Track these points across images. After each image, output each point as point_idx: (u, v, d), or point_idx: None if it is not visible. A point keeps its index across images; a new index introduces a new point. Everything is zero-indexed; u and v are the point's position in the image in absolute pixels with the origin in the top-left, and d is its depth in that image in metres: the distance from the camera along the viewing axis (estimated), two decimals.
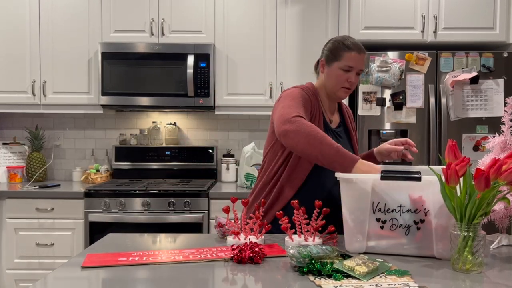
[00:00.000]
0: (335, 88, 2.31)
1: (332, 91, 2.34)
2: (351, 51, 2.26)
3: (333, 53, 2.30)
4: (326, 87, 2.35)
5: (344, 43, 2.28)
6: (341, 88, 2.30)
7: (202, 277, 1.56)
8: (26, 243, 3.77)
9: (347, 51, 2.26)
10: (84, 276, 1.57)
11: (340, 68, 2.27)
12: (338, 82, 2.30)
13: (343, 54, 2.27)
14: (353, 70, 2.28)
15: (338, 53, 2.28)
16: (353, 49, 2.26)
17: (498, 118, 3.60)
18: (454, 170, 1.57)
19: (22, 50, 4.15)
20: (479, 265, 1.59)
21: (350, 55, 2.26)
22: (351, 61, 2.26)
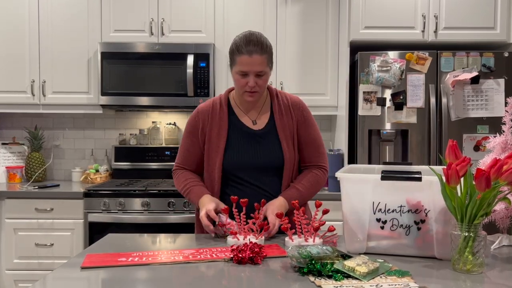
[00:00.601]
0: (239, 92, 2.24)
1: (238, 95, 2.29)
2: (242, 55, 2.13)
3: (230, 57, 2.23)
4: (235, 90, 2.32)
5: (236, 47, 2.16)
6: (244, 92, 2.21)
7: (202, 278, 1.55)
8: (25, 243, 3.77)
9: (238, 55, 2.14)
10: (84, 277, 1.58)
11: (236, 73, 2.18)
12: (238, 87, 2.22)
13: (236, 59, 2.16)
14: (250, 74, 2.15)
15: (233, 58, 2.19)
16: (243, 52, 2.12)
17: (499, 118, 3.57)
18: (454, 170, 1.57)
19: (21, 50, 4.14)
20: (480, 265, 1.59)
21: (242, 60, 2.13)
22: (243, 65, 2.14)
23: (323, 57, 4.15)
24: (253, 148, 2.25)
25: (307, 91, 4.12)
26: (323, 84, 4.16)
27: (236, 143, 2.26)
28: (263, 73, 2.17)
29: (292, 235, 1.92)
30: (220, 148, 2.25)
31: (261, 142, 2.27)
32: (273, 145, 2.26)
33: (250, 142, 2.26)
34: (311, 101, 4.11)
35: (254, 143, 2.26)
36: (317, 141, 2.34)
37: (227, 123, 2.28)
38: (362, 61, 3.73)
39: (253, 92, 2.19)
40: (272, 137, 2.28)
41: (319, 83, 4.16)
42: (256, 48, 2.13)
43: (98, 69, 4.07)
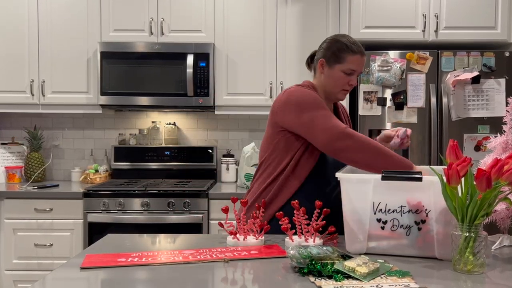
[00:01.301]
0: (335, 90, 2.28)
1: (332, 92, 2.30)
2: (355, 54, 2.22)
3: (336, 54, 2.25)
4: (325, 88, 2.31)
5: (348, 46, 2.23)
6: (341, 90, 2.28)
7: (202, 278, 1.55)
8: (24, 243, 3.76)
9: (351, 54, 2.22)
10: (83, 277, 1.57)
11: (343, 71, 2.23)
12: (339, 85, 2.26)
13: (347, 57, 2.22)
14: (355, 73, 2.25)
15: (341, 56, 2.23)
16: (357, 52, 2.22)
17: (500, 118, 3.57)
18: (455, 170, 1.56)
19: (20, 50, 4.14)
20: (481, 266, 1.58)
21: (354, 59, 2.22)
22: (354, 64, 2.23)
23: None
24: None
25: None
26: None
27: None
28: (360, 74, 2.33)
29: (292, 235, 1.91)
30: None
31: None
32: None
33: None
34: None
35: None
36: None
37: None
38: None
39: (348, 90, 2.30)
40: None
41: None
42: (363, 50, 2.26)
43: (97, 69, 4.06)
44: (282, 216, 1.93)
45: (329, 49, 2.28)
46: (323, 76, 2.31)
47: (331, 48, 2.27)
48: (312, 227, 1.88)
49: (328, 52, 2.27)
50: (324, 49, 2.30)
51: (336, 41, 2.28)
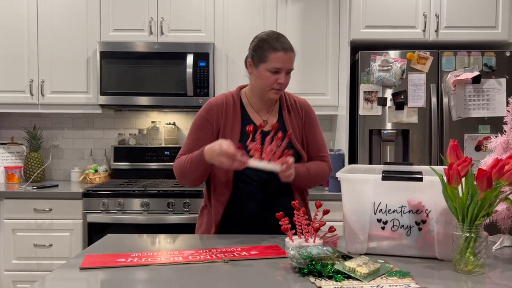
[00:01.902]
0: (265, 90, 2.23)
1: (261, 93, 2.26)
2: (277, 52, 2.16)
3: (258, 54, 2.20)
4: (256, 88, 2.28)
5: (270, 43, 2.17)
6: (271, 89, 2.22)
7: (202, 279, 1.55)
8: (24, 244, 3.76)
9: (273, 52, 2.16)
10: (83, 277, 1.57)
11: (268, 70, 2.18)
12: (267, 84, 2.21)
13: (269, 56, 2.16)
14: (282, 71, 2.18)
15: (264, 55, 2.18)
16: (279, 49, 2.16)
17: (501, 118, 3.54)
18: (456, 171, 1.57)
19: (20, 49, 4.13)
20: (481, 266, 1.58)
21: (276, 56, 2.16)
22: (278, 62, 2.16)
23: (323, 56, 4.14)
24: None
25: (308, 91, 4.11)
26: (323, 83, 4.15)
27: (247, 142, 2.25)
28: (291, 71, 2.24)
29: (293, 236, 1.91)
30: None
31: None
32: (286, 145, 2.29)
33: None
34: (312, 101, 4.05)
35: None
36: (320, 141, 2.40)
37: (240, 120, 2.27)
38: (362, 61, 3.72)
39: (280, 89, 2.23)
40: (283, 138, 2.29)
41: (319, 82, 4.15)
42: (289, 45, 2.20)
43: (97, 69, 4.06)
44: (282, 216, 1.92)
45: (254, 48, 2.24)
46: (252, 77, 2.29)
47: (254, 48, 2.24)
48: (312, 227, 1.88)
49: (253, 52, 2.24)
50: (250, 49, 2.27)
51: (259, 39, 2.24)
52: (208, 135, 2.27)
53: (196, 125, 2.32)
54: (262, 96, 2.28)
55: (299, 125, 2.35)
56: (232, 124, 2.26)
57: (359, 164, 3.27)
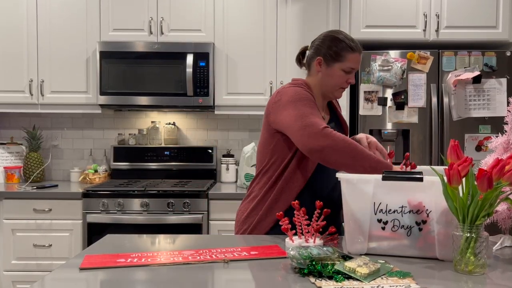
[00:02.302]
0: (334, 88, 2.26)
1: (329, 91, 2.27)
2: (355, 53, 2.20)
3: (336, 52, 2.21)
4: (323, 86, 2.27)
5: (347, 44, 2.20)
6: (340, 88, 2.27)
7: (202, 279, 1.54)
8: (23, 244, 3.75)
9: (351, 53, 2.20)
10: (82, 278, 1.56)
11: (342, 70, 2.21)
12: (338, 83, 2.24)
13: (347, 56, 2.19)
14: (353, 71, 2.24)
15: (341, 54, 2.20)
16: (356, 50, 2.20)
17: (501, 118, 3.58)
18: (456, 171, 1.56)
19: (19, 49, 4.13)
20: (482, 266, 1.57)
21: (354, 57, 2.20)
22: (354, 62, 2.21)
23: None
24: None
25: None
26: None
27: None
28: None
29: (293, 236, 1.90)
30: None
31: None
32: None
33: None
34: None
35: None
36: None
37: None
38: (363, 61, 3.71)
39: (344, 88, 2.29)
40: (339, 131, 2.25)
41: None
42: (361, 47, 2.25)
43: (96, 69, 4.05)
44: (282, 217, 1.91)
45: (327, 47, 2.23)
46: (320, 74, 2.27)
47: (329, 46, 2.22)
48: (313, 227, 1.87)
49: (326, 49, 2.23)
50: (321, 47, 2.25)
51: (333, 38, 2.23)
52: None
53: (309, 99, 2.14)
54: (328, 94, 2.30)
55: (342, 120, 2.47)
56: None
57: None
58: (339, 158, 1.95)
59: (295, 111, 2.07)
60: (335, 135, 1.96)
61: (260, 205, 2.27)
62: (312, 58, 2.29)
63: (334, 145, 1.94)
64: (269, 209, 2.23)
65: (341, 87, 2.26)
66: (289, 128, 2.08)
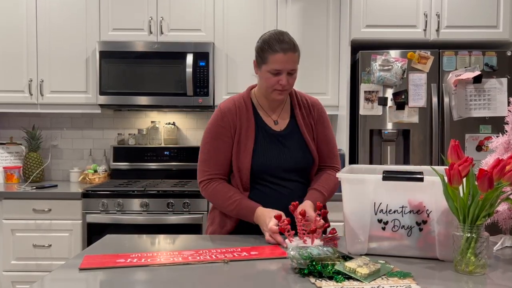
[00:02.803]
0: (268, 90, 2.21)
1: (266, 94, 2.25)
2: (276, 53, 2.11)
3: (260, 55, 2.19)
4: (261, 89, 2.27)
5: (270, 44, 2.14)
6: (274, 90, 2.20)
7: (202, 279, 1.54)
8: (23, 244, 3.75)
9: (272, 54, 2.12)
10: (82, 278, 1.57)
11: (268, 71, 2.16)
12: (269, 85, 2.19)
13: (269, 57, 2.13)
14: (283, 72, 2.14)
15: (264, 56, 2.15)
16: (277, 50, 2.11)
17: (502, 118, 3.52)
18: (457, 171, 1.56)
19: (19, 49, 4.12)
20: (482, 266, 1.58)
21: (275, 58, 2.12)
22: (277, 64, 2.12)
23: (323, 56, 4.13)
24: (279, 149, 2.25)
25: (308, 91, 4.02)
26: (323, 83, 4.14)
27: (262, 144, 2.24)
28: (294, 71, 2.19)
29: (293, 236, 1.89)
30: (248, 149, 2.21)
31: (285, 144, 2.26)
32: (300, 146, 2.28)
33: (275, 143, 2.25)
34: None
35: (279, 144, 2.25)
36: (332, 142, 2.39)
37: (254, 123, 2.25)
38: (363, 60, 3.71)
39: (283, 90, 2.20)
40: (297, 138, 2.29)
41: (319, 82, 4.14)
42: (289, 46, 2.14)
43: (96, 68, 4.04)
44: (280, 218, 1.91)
45: (256, 49, 2.22)
46: (258, 77, 2.27)
47: (257, 49, 2.21)
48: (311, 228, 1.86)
49: (256, 53, 2.23)
50: (256, 49, 2.24)
51: (261, 40, 2.21)
52: (227, 142, 2.24)
53: (212, 134, 2.27)
54: (267, 97, 2.26)
55: (311, 124, 2.33)
56: (247, 128, 2.23)
57: (359, 164, 3.26)
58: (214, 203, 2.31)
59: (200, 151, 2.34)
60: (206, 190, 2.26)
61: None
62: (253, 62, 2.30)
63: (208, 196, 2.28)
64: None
65: (275, 89, 2.19)
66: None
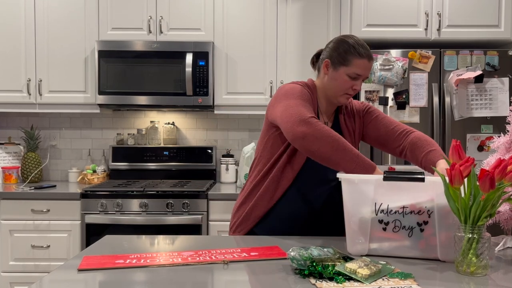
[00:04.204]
0: (338, 93, 2.20)
1: (333, 95, 2.22)
2: (362, 59, 2.13)
3: (342, 56, 2.16)
4: (327, 89, 2.23)
5: (356, 48, 2.14)
6: (344, 94, 2.20)
7: (201, 280, 1.53)
8: (21, 245, 3.74)
9: (358, 58, 2.13)
10: (81, 279, 1.55)
11: (348, 74, 2.15)
12: (342, 88, 2.18)
13: (353, 61, 2.13)
14: (360, 78, 2.16)
15: (347, 58, 2.14)
16: (364, 56, 2.13)
17: (503, 118, 3.56)
18: (458, 171, 1.55)
19: (17, 48, 4.11)
20: (484, 267, 1.57)
21: (361, 62, 2.13)
22: (361, 68, 2.13)
23: None
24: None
25: None
26: None
27: None
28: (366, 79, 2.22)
29: None
30: None
31: None
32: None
33: None
34: None
35: None
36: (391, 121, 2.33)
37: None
38: None
39: (351, 95, 2.21)
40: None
41: None
42: (371, 55, 2.18)
43: (95, 68, 4.04)
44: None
45: (335, 49, 2.19)
46: (326, 77, 2.22)
47: (337, 49, 2.18)
48: None
49: (335, 53, 2.19)
50: (331, 49, 2.21)
51: (343, 41, 2.19)
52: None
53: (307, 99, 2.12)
54: (332, 99, 2.24)
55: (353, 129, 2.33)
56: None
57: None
58: (321, 147, 1.90)
59: (287, 102, 2.06)
60: (319, 125, 1.93)
61: (249, 199, 2.27)
62: (321, 60, 2.27)
63: (317, 133, 1.91)
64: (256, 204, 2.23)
65: (346, 93, 2.19)
66: (278, 118, 2.07)
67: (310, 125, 1.92)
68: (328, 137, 1.90)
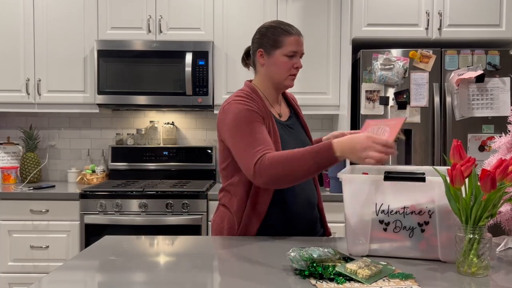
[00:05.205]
0: (282, 76, 2.21)
1: (279, 81, 2.22)
2: (293, 35, 2.17)
3: (273, 40, 2.18)
4: (272, 77, 2.23)
5: (283, 29, 2.18)
6: (289, 76, 2.21)
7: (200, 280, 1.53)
8: (20, 245, 3.73)
9: (289, 36, 2.17)
10: (80, 280, 1.56)
11: (284, 55, 2.17)
12: (284, 70, 2.19)
13: (285, 40, 2.16)
14: (297, 55, 2.20)
15: (278, 40, 2.17)
16: (294, 33, 2.18)
17: (505, 118, 3.56)
18: (459, 171, 1.55)
19: (16, 48, 4.11)
20: (485, 268, 1.57)
21: (293, 39, 2.17)
22: (294, 45, 2.17)
23: (324, 55, 4.12)
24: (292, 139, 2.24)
25: (308, 90, 4.09)
26: (324, 82, 4.13)
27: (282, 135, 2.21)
28: (303, 55, 2.25)
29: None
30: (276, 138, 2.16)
31: (292, 133, 2.27)
32: (303, 135, 2.33)
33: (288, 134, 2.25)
34: (312, 100, 4.09)
35: (290, 135, 2.26)
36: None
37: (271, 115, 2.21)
38: (364, 59, 3.70)
39: (295, 75, 2.23)
40: (298, 128, 2.34)
41: (320, 81, 4.12)
42: (299, 30, 2.23)
43: (94, 67, 4.03)
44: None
45: (264, 37, 2.21)
46: (265, 66, 2.23)
47: (266, 36, 2.21)
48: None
49: (264, 40, 2.21)
50: (259, 39, 2.23)
51: (268, 27, 2.22)
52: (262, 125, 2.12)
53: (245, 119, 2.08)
54: (279, 85, 2.25)
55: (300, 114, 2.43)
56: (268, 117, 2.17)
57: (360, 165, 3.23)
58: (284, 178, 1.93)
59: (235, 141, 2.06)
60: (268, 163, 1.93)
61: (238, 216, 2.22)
62: (254, 54, 2.27)
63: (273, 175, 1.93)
64: (246, 224, 2.18)
65: (290, 74, 2.21)
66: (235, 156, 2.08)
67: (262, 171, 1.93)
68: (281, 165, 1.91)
